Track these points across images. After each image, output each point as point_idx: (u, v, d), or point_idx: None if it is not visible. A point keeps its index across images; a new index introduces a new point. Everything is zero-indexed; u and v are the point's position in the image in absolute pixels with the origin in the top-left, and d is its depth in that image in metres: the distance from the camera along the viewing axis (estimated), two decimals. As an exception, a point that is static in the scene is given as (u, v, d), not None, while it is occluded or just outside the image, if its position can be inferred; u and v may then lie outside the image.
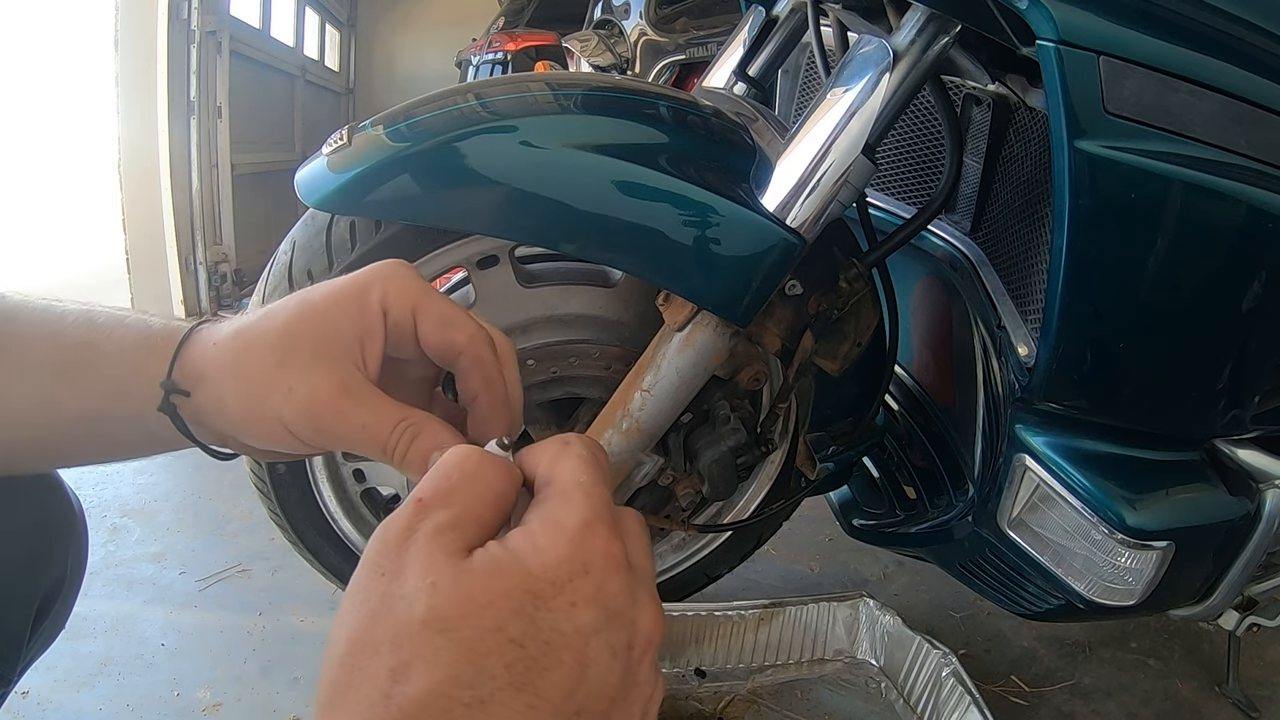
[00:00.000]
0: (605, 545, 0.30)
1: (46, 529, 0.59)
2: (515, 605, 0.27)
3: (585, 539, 0.30)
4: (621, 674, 0.29)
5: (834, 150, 0.81)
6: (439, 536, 0.28)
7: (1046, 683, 1.30)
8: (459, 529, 0.29)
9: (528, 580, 0.28)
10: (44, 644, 0.62)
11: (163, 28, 2.72)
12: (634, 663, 0.30)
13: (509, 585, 0.28)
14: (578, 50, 4.12)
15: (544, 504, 0.31)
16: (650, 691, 0.31)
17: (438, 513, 0.29)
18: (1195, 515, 0.89)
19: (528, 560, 0.28)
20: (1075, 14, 0.71)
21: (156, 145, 2.80)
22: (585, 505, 0.31)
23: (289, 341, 0.39)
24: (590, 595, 0.29)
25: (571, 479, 0.32)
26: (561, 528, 0.30)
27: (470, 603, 0.27)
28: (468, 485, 0.31)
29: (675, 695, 1.10)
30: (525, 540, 0.29)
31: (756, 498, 1.17)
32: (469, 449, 0.33)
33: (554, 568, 0.28)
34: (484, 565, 0.28)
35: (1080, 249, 0.77)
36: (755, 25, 1.16)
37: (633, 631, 0.30)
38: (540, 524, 0.30)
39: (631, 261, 0.85)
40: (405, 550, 0.28)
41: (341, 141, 0.85)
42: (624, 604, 0.30)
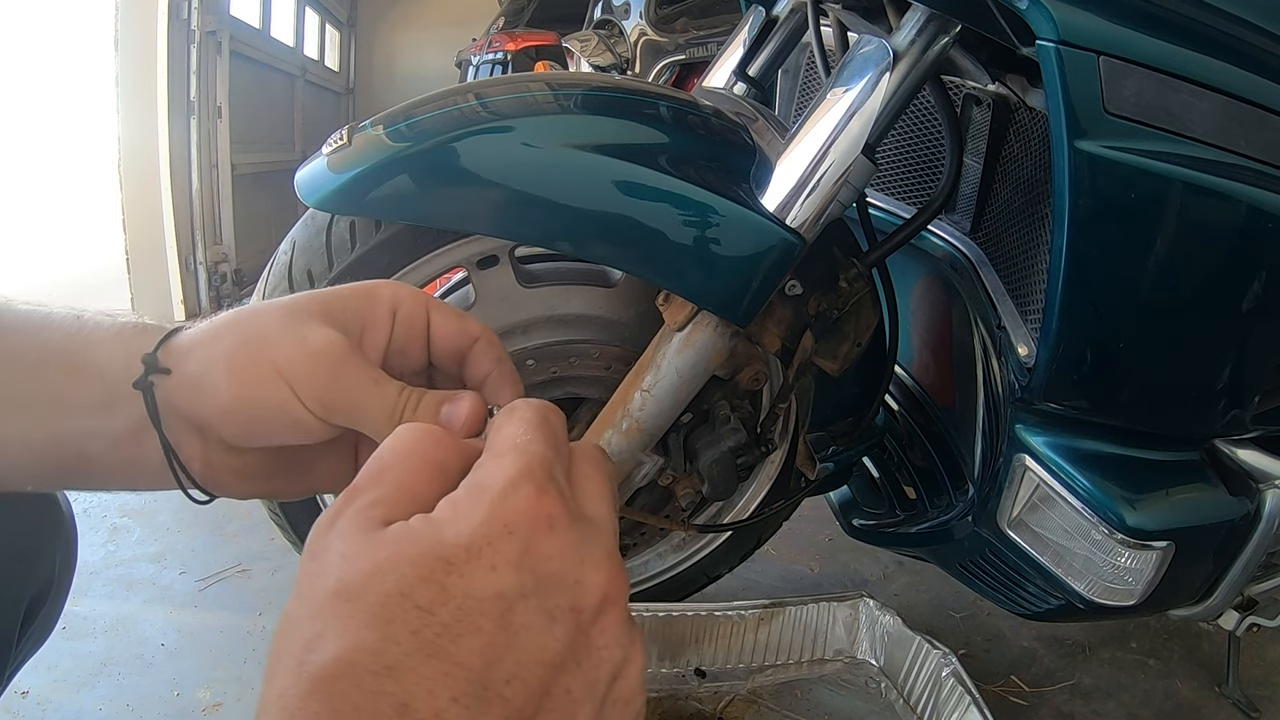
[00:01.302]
0: (532, 503, 0.28)
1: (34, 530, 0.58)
2: (423, 571, 0.26)
3: (508, 498, 0.28)
4: (566, 639, 0.27)
5: (834, 150, 0.81)
6: (359, 515, 0.28)
7: (1046, 683, 1.30)
8: (383, 505, 0.28)
9: (439, 546, 0.27)
10: (33, 646, 0.62)
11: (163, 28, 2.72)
12: (584, 625, 0.28)
13: (416, 551, 0.27)
14: (578, 50, 4.12)
15: (475, 469, 0.30)
16: (622, 654, 0.29)
17: (366, 494, 0.29)
18: (1195, 515, 0.89)
19: (443, 526, 0.27)
20: (1075, 14, 0.71)
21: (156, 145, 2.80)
22: (513, 463, 0.29)
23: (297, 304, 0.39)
24: (513, 558, 0.27)
25: (508, 440, 0.30)
26: (483, 489, 0.28)
27: (375, 570, 0.26)
28: (400, 461, 0.30)
29: (675, 695, 1.10)
30: (446, 507, 0.28)
31: (756, 498, 1.17)
32: (411, 426, 0.32)
33: (470, 532, 0.27)
34: (395, 533, 0.27)
35: (1080, 249, 0.77)
36: (755, 25, 1.16)
37: (578, 593, 0.28)
38: (464, 489, 0.29)
39: (631, 261, 0.85)
40: (329, 532, 0.28)
41: (341, 141, 0.85)
42: (562, 565, 0.28)
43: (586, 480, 0.32)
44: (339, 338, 0.38)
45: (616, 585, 0.29)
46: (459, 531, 0.27)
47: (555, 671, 0.27)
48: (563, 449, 0.32)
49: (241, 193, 3.28)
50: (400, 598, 0.25)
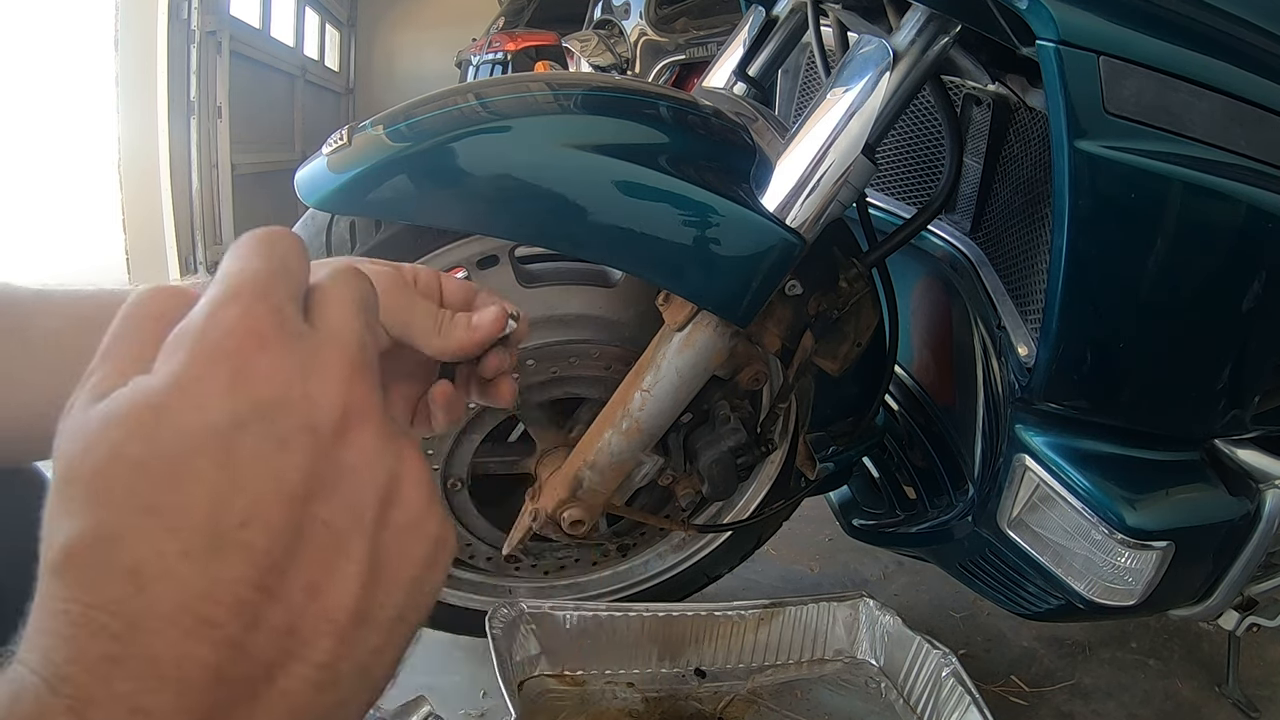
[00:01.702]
0: (235, 323, 0.24)
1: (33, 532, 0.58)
2: (131, 425, 0.23)
3: (211, 326, 0.24)
4: (305, 465, 0.24)
5: (834, 150, 0.81)
6: (82, 397, 0.25)
7: (1046, 683, 1.30)
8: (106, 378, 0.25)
9: (145, 394, 0.23)
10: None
11: (163, 28, 2.72)
12: (324, 446, 0.24)
13: (121, 407, 0.23)
14: (578, 50, 4.13)
15: None
16: (386, 473, 0.26)
17: (91, 374, 0.26)
18: (1195, 515, 0.89)
19: (151, 375, 0.24)
20: (1075, 14, 0.71)
21: (156, 145, 2.80)
22: (218, 289, 0.25)
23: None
24: (221, 387, 0.23)
25: (220, 271, 0.27)
26: (187, 323, 0.25)
27: (87, 442, 0.23)
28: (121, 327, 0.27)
29: (675, 695, 1.10)
30: (159, 356, 0.25)
31: (756, 498, 1.17)
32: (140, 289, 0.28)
33: (174, 370, 0.24)
34: (107, 400, 0.24)
35: (1080, 249, 0.77)
36: (755, 25, 1.16)
37: (308, 410, 0.24)
38: (173, 331, 0.25)
39: (631, 261, 0.85)
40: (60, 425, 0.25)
41: (341, 141, 0.85)
42: (283, 384, 0.24)
43: (322, 294, 0.28)
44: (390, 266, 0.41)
45: (357, 395, 0.25)
46: (163, 374, 0.24)
47: (301, 504, 0.24)
48: (292, 266, 0.27)
49: (241, 193, 3.28)
50: (111, 461, 0.23)
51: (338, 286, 0.28)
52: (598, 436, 0.94)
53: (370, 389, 0.26)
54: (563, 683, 1.08)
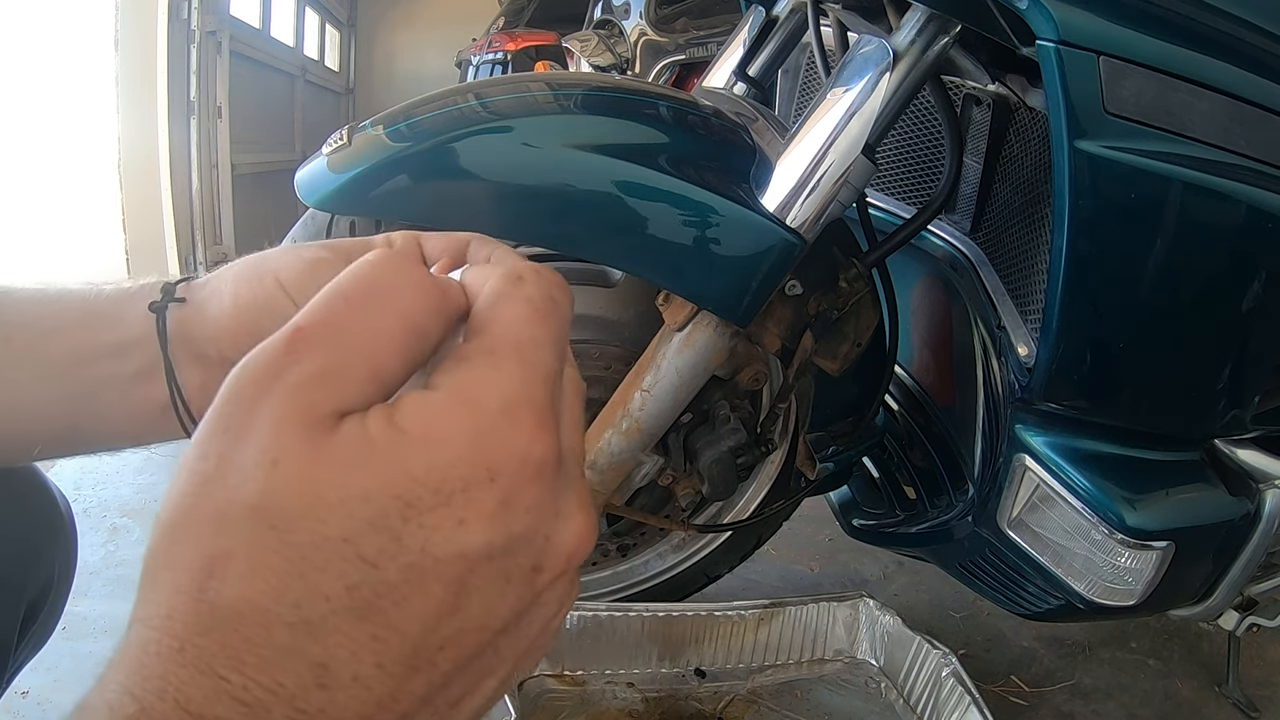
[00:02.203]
0: (528, 443, 0.22)
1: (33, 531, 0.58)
2: (376, 512, 0.20)
3: (502, 431, 0.22)
4: (515, 603, 0.23)
5: (834, 150, 0.81)
6: (301, 394, 0.21)
7: (1046, 683, 1.30)
8: (333, 385, 0.21)
9: (403, 482, 0.21)
10: (33, 647, 0.62)
11: (163, 28, 2.72)
12: (540, 588, 0.23)
13: (374, 484, 0.21)
14: (578, 50, 4.12)
15: (462, 365, 0.23)
16: (558, 609, 0.25)
17: (312, 356, 0.21)
18: (1195, 515, 0.89)
19: (412, 452, 0.21)
20: (1075, 14, 0.71)
21: (156, 145, 2.80)
22: (515, 379, 0.23)
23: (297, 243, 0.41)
24: (490, 511, 0.21)
25: (510, 334, 0.23)
26: (473, 409, 0.22)
27: (316, 499, 0.20)
28: (366, 315, 0.22)
29: (675, 695, 1.10)
30: (420, 418, 0.21)
31: (756, 498, 1.17)
32: (388, 257, 0.24)
33: (445, 468, 0.21)
34: (347, 450, 0.21)
35: (1080, 249, 0.77)
36: (755, 25, 1.16)
37: (544, 552, 0.23)
38: (447, 396, 0.22)
39: (631, 261, 0.85)
40: (258, 403, 0.21)
41: (341, 141, 0.85)
42: (537, 520, 0.22)
43: (566, 404, 0.25)
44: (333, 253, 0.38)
45: (583, 543, 0.24)
46: (431, 464, 0.21)
47: (496, 636, 0.23)
48: (566, 350, 0.26)
49: (241, 193, 3.28)
50: (342, 543, 0.20)
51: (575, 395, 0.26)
52: (598, 436, 0.94)
53: (595, 533, 0.25)
54: (563, 683, 1.08)
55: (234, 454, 0.21)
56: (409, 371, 0.23)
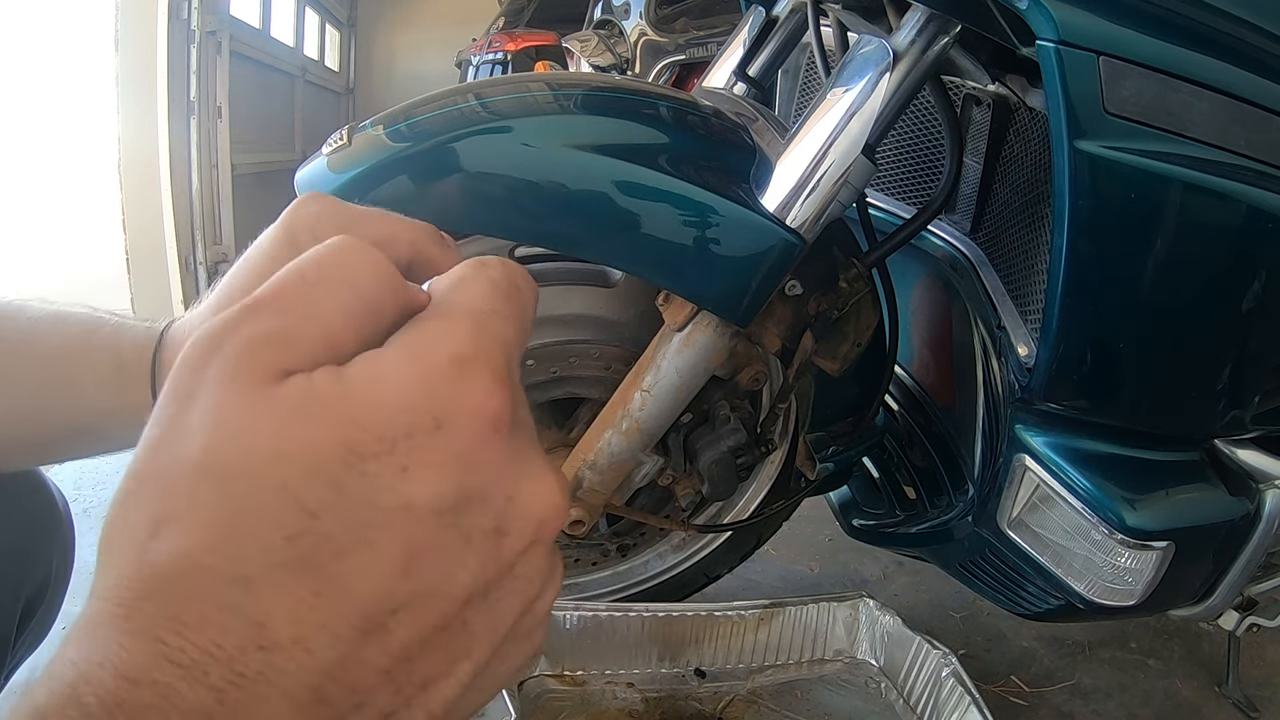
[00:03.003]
0: (481, 396, 0.21)
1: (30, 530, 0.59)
2: (317, 459, 0.19)
3: (451, 380, 0.21)
4: (479, 570, 0.21)
5: (834, 150, 0.81)
6: (250, 353, 0.20)
7: (1046, 683, 1.30)
8: (283, 345, 0.21)
9: (346, 427, 0.20)
10: (31, 646, 0.62)
11: (163, 28, 2.72)
12: (508, 556, 0.22)
13: (314, 432, 0.20)
14: (578, 50, 4.13)
15: (416, 324, 0.22)
16: (539, 587, 0.23)
17: (263, 318, 0.21)
18: (1195, 515, 0.89)
19: (356, 398, 0.20)
20: (1075, 14, 0.71)
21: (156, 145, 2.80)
22: (467, 335, 0.22)
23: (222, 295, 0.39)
24: (437, 460, 0.20)
25: (466, 301, 0.23)
26: (421, 359, 0.21)
27: (254, 449, 0.19)
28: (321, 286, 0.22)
29: (675, 695, 1.10)
30: (367, 369, 0.21)
31: (756, 498, 1.17)
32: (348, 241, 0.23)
33: (391, 415, 0.20)
34: (290, 399, 0.20)
35: (1080, 249, 0.77)
36: (755, 25, 1.16)
37: (506, 514, 0.22)
38: (396, 349, 0.21)
39: (631, 261, 0.85)
40: (206, 365, 0.20)
41: (341, 141, 0.85)
42: (493, 476, 0.21)
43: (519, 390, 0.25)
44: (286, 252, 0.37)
45: (556, 508, 0.23)
46: (376, 410, 0.20)
47: (457, 604, 0.21)
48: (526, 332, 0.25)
49: (241, 193, 3.28)
50: (279, 491, 0.19)
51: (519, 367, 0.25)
52: (598, 436, 0.94)
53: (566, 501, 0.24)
54: (563, 683, 1.08)
55: (181, 416, 0.20)
56: (360, 345, 0.22)
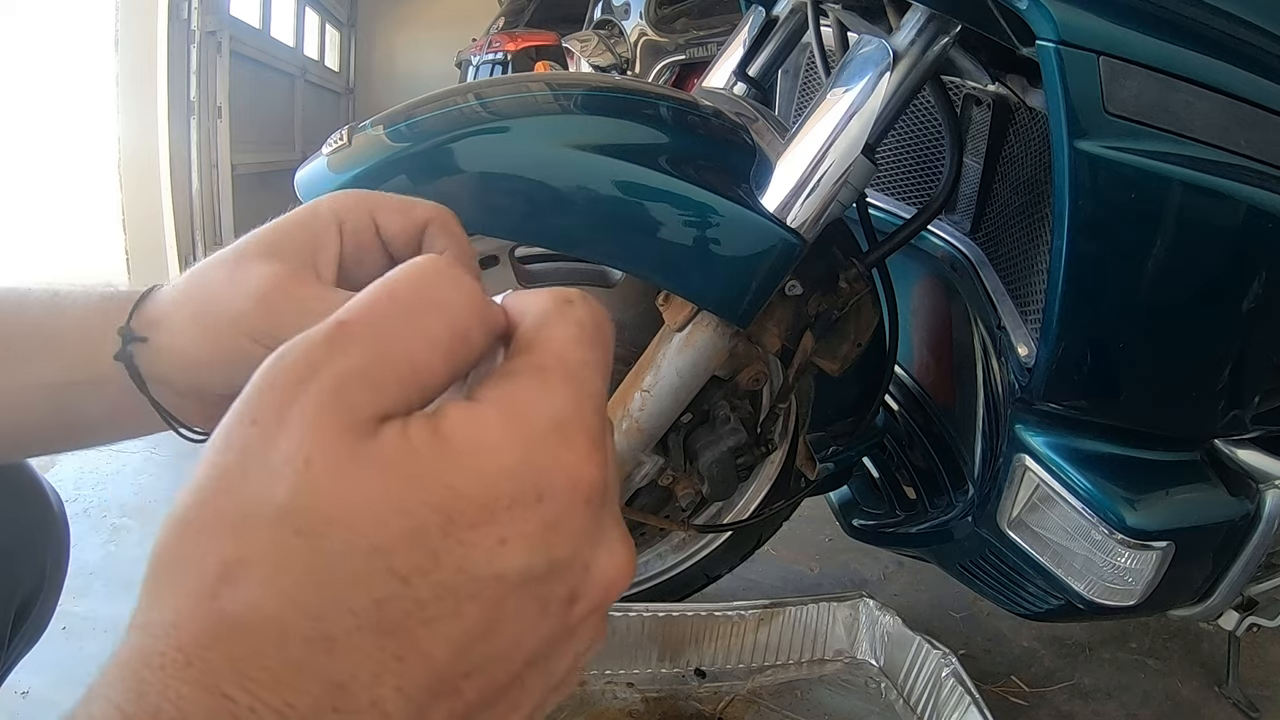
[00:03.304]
0: (580, 464, 0.21)
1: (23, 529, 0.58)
2: (413, 525, 0.19)
3: (554, 449, 0.20)
4: (548, 634, 0.21)
5: (834, 150, 0.81)
6: (343, 393, 0.19)
7: (1046, 683, 1.30)
8: (377, 387, 0.20)
9: (445, 494, 0.19)
10: (26, 645, 0.62)
11: (163, 28, 2.72)
12: (574, 621, 0.22)
13: (413, 494, 0.19)
14: (578, 50, 4.13)
15: (510, 378, 0.21)
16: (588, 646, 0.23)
17: (356, 350, 0.20)
18: (1195, 515, 0.89)
19: (456, 461, 0.20)
20: (1075, 14, 0.71)
21: (156, 145, 2.80)
22: (568, 398, 0.21)
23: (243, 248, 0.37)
24: (533, 533, 0.20)
25: (560, 353, 0.22)
26: (523, 423, 0.20)
27: (349, 506, 0.19)
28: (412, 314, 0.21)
29: (675, 695, 1.10)
30: (466, 428, 0.20)
31: (756, 498, 1.17)
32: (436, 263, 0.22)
33: (492, 483, 0.20)
34: (386, 455, 0.19)
35: (1080, 249, 0.77)
36: (755, 25, 1.16)
37: (582, 581, 0.21)
38: (496, 409, 0.21)
39: (631, 261, 0.85)
40: (293, 398, 0.19)
41: (341, 142, 0.85)
42: (580, 547, 0.21)
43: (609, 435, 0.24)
44: (274, 270, 0.34)
45: (622, 575, 0.22)
46: (476, 477, 0.20)
47: (525, 668, 0.21)
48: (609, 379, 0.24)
49: (241, 193, 3.28)
50: (372, 554, 0.19)
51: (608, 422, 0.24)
52: (598, 436, 0.94)
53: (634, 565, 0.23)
54: (563, 683, 1.08)
55: (262, 450, 0.19)
56: (451, 379, 0.21)
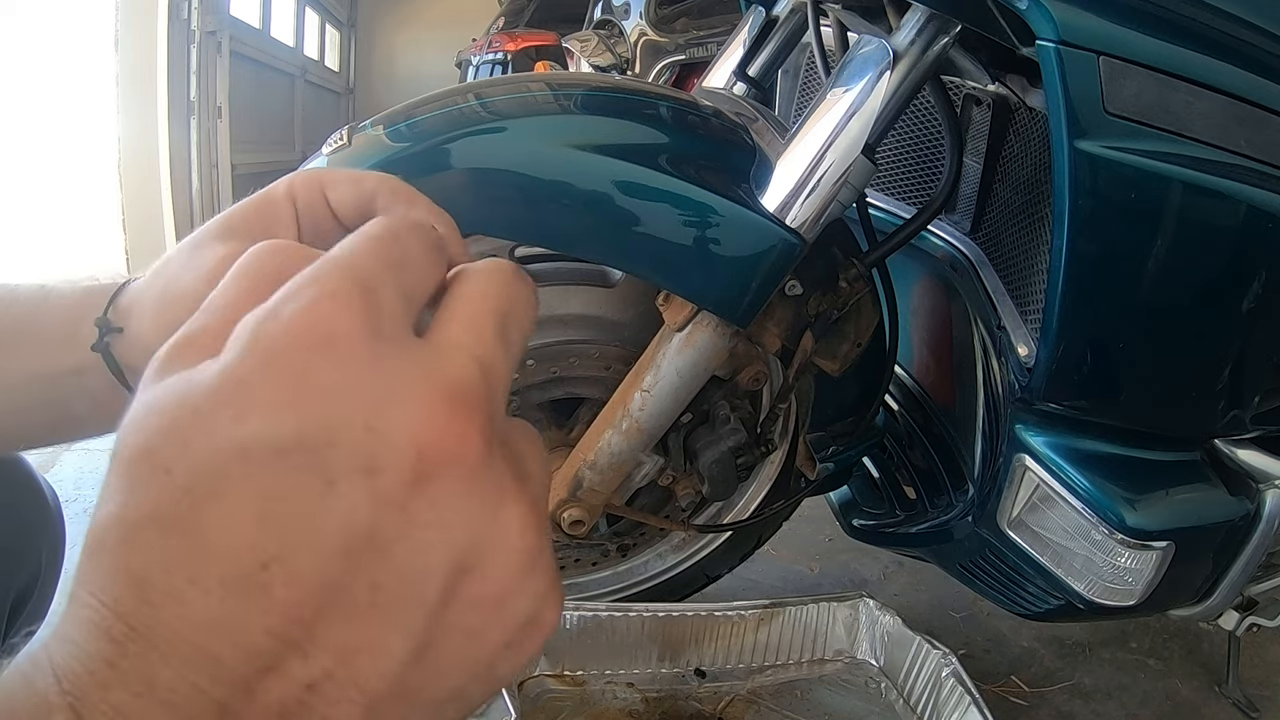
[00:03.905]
0: (302, 316, 0.20)
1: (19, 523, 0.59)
2: (167, 421, 0.20)
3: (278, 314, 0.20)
4: (353, 516, 0.19)
5: (834, 150, 0.81)
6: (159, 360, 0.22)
7: (1046, 683, 1.30)
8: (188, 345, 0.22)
9: (188, 388, 0.20)
10: (22, 639, 0.63)
11: (163, 28, 2.72)
12: (394, 497, 0.20)
13: (165, 397, 0.20)
14: (578, 50, 4.13)
15: None
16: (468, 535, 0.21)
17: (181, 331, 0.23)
18: (1195, 515, 0.89)
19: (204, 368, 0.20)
20: (1075, 14, 0.71)
21: (156, 145, 2.80)
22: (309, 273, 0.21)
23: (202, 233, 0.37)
24: (267, 398, 0.19)
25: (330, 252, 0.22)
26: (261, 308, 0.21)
27: (131, 423, 0.21)
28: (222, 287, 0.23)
29: (675, 695, 1.10)
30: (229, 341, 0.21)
31: (756, 498, 1.17)
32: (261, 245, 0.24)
33: (223, 366, 0.20)
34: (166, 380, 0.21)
35: (1080, 249, 0.77)
36: (755, 25, 1.16)
37: (372, 446, 0.19)
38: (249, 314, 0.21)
39: (631, 261, 0.85)
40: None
41: (341, 142, 0.85)
42: (346, 406, 0.19)
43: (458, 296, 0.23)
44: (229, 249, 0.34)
45: (447, 436, 0.20)
46: (215, 367, 0.20)
47: (340, 558, 0.20)
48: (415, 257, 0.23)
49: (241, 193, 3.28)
50: (145, 454, 0.20)
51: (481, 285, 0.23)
52: (598, 436, 0.94)
53: (471, 429, 0.20)
54: (563, 683, 1.08)
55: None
56: None
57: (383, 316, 0.21)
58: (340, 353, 0.20)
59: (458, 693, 0.22)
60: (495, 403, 0.21)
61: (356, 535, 0.20)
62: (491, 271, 0.24)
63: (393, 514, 0.20)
